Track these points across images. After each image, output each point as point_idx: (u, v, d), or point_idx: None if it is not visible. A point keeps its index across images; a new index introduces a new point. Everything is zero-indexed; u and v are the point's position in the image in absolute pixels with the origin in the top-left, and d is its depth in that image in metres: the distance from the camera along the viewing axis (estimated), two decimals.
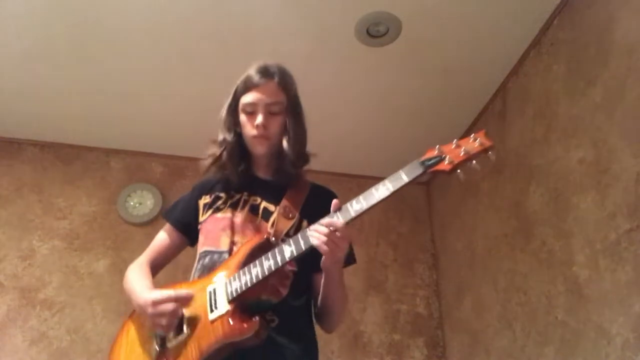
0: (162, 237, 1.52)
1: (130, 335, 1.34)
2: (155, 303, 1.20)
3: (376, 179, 1.17)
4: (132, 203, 3.08)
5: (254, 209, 1.39)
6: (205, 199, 1.47)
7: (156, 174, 3.19)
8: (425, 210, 3.42)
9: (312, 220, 1.25)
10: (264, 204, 1.39)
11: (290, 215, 1.36)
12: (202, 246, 1.39)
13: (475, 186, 2.81)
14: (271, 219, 1.35)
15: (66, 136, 3.09)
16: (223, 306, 1.19)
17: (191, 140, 3.01)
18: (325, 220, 1.16)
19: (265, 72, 1.43)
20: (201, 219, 1.44)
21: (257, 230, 1.34)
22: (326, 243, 1.14)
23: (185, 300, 1.22)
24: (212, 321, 1.18)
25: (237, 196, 1.42)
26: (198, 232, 1.44)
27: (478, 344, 2.63)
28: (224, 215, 1.39)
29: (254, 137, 1.40)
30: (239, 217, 1.37)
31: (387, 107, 2.84)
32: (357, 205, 1.15)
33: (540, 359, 2.11)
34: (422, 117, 2.92)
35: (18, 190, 2.98)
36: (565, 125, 2.11)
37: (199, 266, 1.37)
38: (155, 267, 1.48)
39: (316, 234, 1.15)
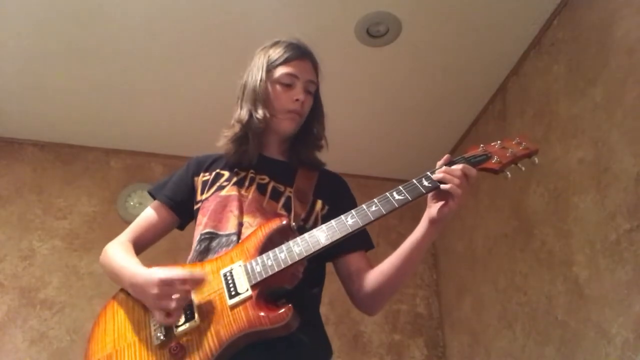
0: (148, 215, 1.35)
1: (118, 319, 1.14)
2: (164, 282, 1.04)
3: (376, 179, 1.16)
4: (132, 203, 3.08)
5: (262, 188, 1.28)
6: (204, 176, 1.35)
7: (156, 174, 3.19)
8: (425, 210, 3.40)
9: (327, 200, 1.17)
10: (272, 183, 1.29)
11: (305, 199, 1.26)
12: (204, 227, 1.24)
13: (475, 186, 2.81)
14: (282, 200, 1.26)
15: (66, 136, 3.09)
16: (244, 291, 1.06)
17: (191, 140, 3.02)
18: (460, 165, 1.10)
19: (301, 49, 1.36)
20: (201, 197, 1.32)
21: (268, 211, 1.23)
22: (459, 186, 1.06)
23: (198, 283, 1.07)
24: (232, 307, 1.04)
25: (243, 174, 1.31)
26: (192, 212, 1.33)
27: (478, 344, 2.63)
28: (229, 193, 1.27)
29: (290, 111, 1.31)
30: (247, 197, 1.26)
31: (386, 107, 2.84)
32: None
33: (540, 359, 2.11)
34: (422, 117, 2.92)
35: (18, 190, 2.99)
36: (565, 125, 2.11)
37: (200, 248, 1.22)
38: (137, 248, 1.30)
39: (449, 176, 1.08)
